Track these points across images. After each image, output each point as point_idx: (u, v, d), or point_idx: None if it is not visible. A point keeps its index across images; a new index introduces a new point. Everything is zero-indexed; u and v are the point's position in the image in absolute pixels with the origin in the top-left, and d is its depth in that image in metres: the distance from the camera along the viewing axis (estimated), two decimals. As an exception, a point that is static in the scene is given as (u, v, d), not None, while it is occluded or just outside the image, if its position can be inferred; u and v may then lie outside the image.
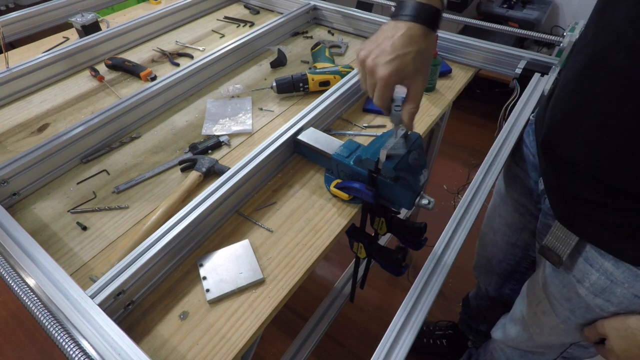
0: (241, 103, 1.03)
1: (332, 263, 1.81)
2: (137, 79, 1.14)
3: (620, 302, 0.64)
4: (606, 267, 0.64)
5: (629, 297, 0.63)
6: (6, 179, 0.76)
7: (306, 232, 0.72)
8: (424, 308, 0.57)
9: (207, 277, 0.65)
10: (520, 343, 0.94)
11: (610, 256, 0.63)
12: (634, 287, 0.62)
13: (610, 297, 0.65)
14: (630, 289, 0.62)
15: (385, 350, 0.52)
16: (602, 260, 0.64)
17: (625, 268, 0.62)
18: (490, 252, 1.09)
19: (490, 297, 1.20)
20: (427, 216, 1.82)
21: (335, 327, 1.37)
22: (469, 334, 1.38)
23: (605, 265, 0.64)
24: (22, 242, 0.62)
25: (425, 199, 0.68)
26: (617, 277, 0.63)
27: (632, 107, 0.52)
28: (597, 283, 0.66)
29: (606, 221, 0.61)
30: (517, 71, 1.01)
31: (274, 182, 0.82)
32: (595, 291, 0.67)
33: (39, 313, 0.52)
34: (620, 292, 0.63)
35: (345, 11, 1.29)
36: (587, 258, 0.67)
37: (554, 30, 2.43)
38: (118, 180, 0.84)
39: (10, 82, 1.05)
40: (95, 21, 1.27)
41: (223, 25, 1.41)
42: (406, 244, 0.80)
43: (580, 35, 0.69)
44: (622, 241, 0.61)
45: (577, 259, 0.69)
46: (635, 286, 0.62)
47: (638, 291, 0.62)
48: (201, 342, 0.58)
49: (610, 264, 0.63)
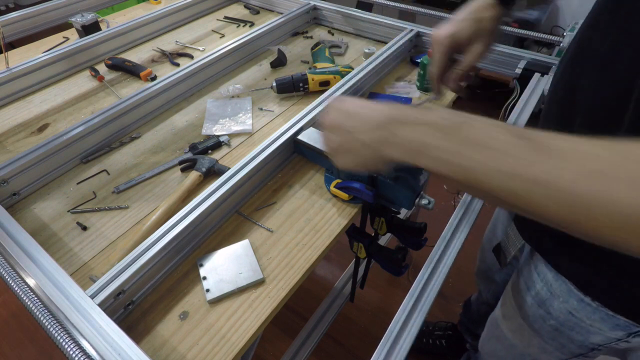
0: (241, 103, 1.03)
1: (332, 263, 1.81)
2: (137, 79, 1.14)
3: (558, 315, 0.63)
4: (548, 278, 0.63)
5: (564, 312, 0.61)
6: (6, 179, 0.76)
7: (306, 232, 0.72)
8: (424, 308, 0.57)
9: (207, 277, 0.65)
10: (492, 347, 0.92)
11: (551, 266, 0.62)
12: (567, 302, 0.60)
13: (550, 309, 0.64)
14: (564, 303, 0.60)
15: (385, 350, 0.52)
16: (545, 271, 0.63)
17: (562, 281, 0.60)
18: (491, 261, 1.09)
19: (489, 305, 1.19)
20: (427, 216, 1.82)
21: (335, 327, 1.36)
22: (468, 336, 1.38)
23: (547, 276, 0.63)
24: (22, 242, 0.62)
25: (425, 199, 0.68)
26: (555, 289, 0.61)
27: (610, 92, 0.51)
28: (540, 293, 0.65)
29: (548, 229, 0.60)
30: (517, 71, 1.01)
31: (274, 182, 0.82)
32: (539, 301, 0.65)
33: (39, 313, 0.52)
34: (557, 305, 0.62)
35: (345, 11, 1.29)
36: (536, 266, 0.65)
37: (554, 30, 2.43)
38: (118, 180, 0.84)
39: (10, 82, 1.05)
40: (95, 21, 1.27)
41: (223, 25, 1.41)
42: (406, 244, 0.80)
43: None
44: (559, 250, 0.59)
45: (530, 266, 0.67)
46: (569, 301, 0.60)
47: (571, 307, 0.60)
48: (201, 342, 0.58)
49: (551, 275, 0.62)
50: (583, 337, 0.62)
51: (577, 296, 0.58)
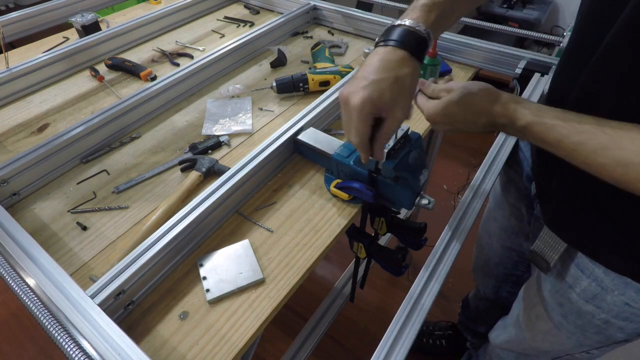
0: (241, 103, 1.03)
1: (332, 263, 1.81)
2: (137, 79, 1.14)
3: (611, 309, 0.63)
4: (597, 274, 0.63)
5: (619, 304, 0.62)
6: (6, 179, 0.76)
7: (306, 232, 0.72)
8: (424, 308, 0.57)
9: (207, 277, 0.65)
10: (514, 346, 0.93)
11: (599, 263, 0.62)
12: (624, 294, 0.61)
13: (600, 304, 0.64)
14: (620, 296, 0.61)
15: (385, 350, 0.52)
16: (592, 267, 0.63)
17: (615, 275, 0.61)
18: (487, 255, 1.09)
19: (488, 300, 1.20)
20: (427, 216, 1.81)
21: (335, 327, 1.36)
22: (468, 335, 1.38)
23: (596, 271, 0.63)
24: (22, 242, 0.62)
25: (425, 199, 0.68)
26: (608, 284, 0.62)
27: (611, 90, 0.51)
28: (588, 289, 0.65)
29: (595, 230, 0.61)
30: (517, 71, 1.01)
31: (274, 182, 0.82)
32: (587, 297, 0.66)
33: (39, 313, 0.52)
34: (611, 299, 0.62)
35: (345, 11, 1.29)
36: (579, 264, 0.66)
37: (554, 30, 2.43)
38: (118, 180, 0.84)
39: (10, 82, 1.04)
40: (95, 21, 1.27)
41: (223, 25, 1.41)
42: (406, 244, 0.80)
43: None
44: (610, 251, 0.60)
45: (569, 264, 0.68)
46: (626, 294, 0.61)
47: (628, 299, 0.61)
48: (201, 342, 0.58)
49: (600, 270, 0.62)
50: (637, 324, 0.63)
51: (635, 287, 0.59)
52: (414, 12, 0.55)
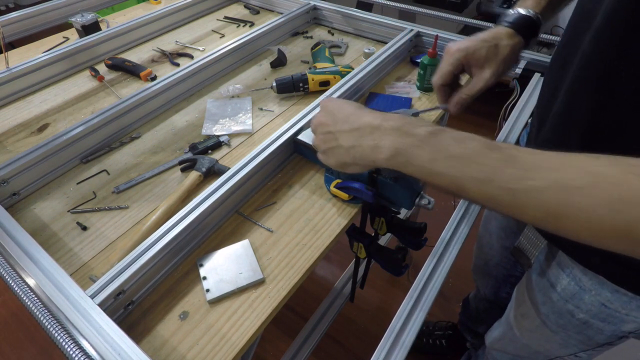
0: (241, 103, 1.03)
1: (332, 263, 1.81)
2: (137, 79, 1.14)
3: (589, 309, 0.63)
4: (575, 273, 0.63)
5: (596, 304, 0.61)
6: (6, 179, 0.76)
7: (306, 232, 0.72)
8: (424, 308, 0.57)
9: (207, 277, 0.65)
10: (505, 345, 0.93)
11: (577, 262, 0.62)
12: (600, 294, 0.60)
13: (579, 304, 0.64)
14: (597, 296, 0.61)
15: (385, 350, 0.52)
16: (572, 265, 0.63)
17: (593, 275, 0.60)
18: (487, 255, 1.09)
19: (488, 300, 1.19)
20: (427, 216, 1.82)
21: (335, 327, 1.36)
22: (467, 335, 1.38)
23: (574, 270, 0.63)
24: (22, 242, 0.62)
25: (425, 199, 0.68)
26: (585, 283, 0.61)
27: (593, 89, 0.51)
28: (568, 288, 0.65)
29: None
30: (517, 71, 1.01)
31: (274, 182, 0.82)
32: (566, 296, 0.66)
33: (39, 313, 0.52)
34: (588, 299, 0.62)
35: (345, 11, 1.29)
36: (560, 262, 0.66)
37: (554, 30, 2.43)
38: (118, 180, 0.84)
39: (10, 82, 1.05)
40: (95, 21, 1.27)
41: (223, 25, 1.41)
42: (406, 244, 0.80)
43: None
44: (588, 249, 0.60)
45: (551, 262, 0.67)
46: (602, 294, 0.60)
47: (604, 299, 0.60)
48: (201, 342, 0.58)
49: (579, 269, 0.62)
50: (615, 326, 0.62)
51: (610, 287, 0.59)
52: (527, 1, 0.67)
